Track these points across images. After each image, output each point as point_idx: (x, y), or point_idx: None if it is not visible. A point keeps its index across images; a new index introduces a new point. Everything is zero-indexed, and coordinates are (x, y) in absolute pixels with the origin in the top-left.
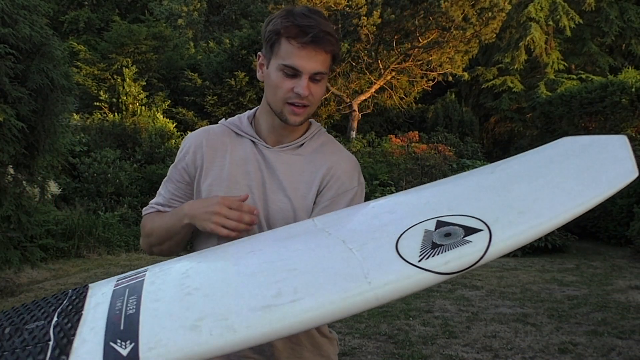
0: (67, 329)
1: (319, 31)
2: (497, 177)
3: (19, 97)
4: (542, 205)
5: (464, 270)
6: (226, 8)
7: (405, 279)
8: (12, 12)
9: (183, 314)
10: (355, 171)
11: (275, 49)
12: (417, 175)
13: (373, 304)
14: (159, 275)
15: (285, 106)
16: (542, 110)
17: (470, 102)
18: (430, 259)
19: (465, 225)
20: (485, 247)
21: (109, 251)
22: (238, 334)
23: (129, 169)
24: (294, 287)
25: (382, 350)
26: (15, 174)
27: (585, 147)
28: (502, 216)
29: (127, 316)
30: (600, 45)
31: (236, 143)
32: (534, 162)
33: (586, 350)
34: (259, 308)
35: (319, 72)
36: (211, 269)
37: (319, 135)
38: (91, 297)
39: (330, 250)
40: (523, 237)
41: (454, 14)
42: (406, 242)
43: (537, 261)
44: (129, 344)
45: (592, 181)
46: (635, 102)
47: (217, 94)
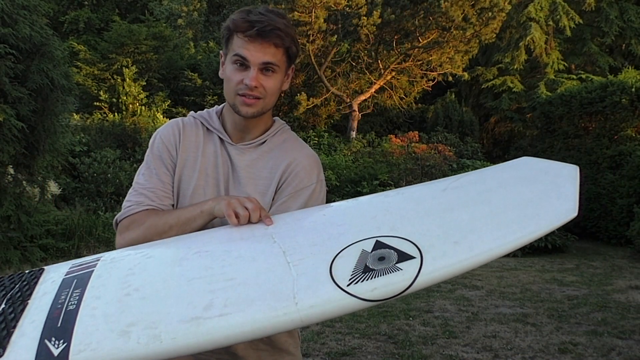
0: (10, 320)
1: (267, 25)
2: (447, 197)
3: (19, 97)
4: (478, 238)
5: (390, 298)
6: (226, 8)
7: (330, 303)
8: (12, 12)
9: (117, 317)
10: (314, 167)
11: (229, 44)
12: (417, 175)
13: (298, 324)
14: (108, 268)
15: (237, 97)
16: (542, 110)
17: (470, 102)
18: (359, 284)
19: (400, 250)
20: (414, 276)
21: (108, 251)
22: (163, 345)
23: (129, 169)
24: (225, 299)
25: (382, 350)
26: (15, 174)
27: (538, 173)
28: (437, 244)
29: (67, 312)
30: (600, 45)
31: (207, 137)
32: (486, 183)
33: (586, 350)
34: (188, 320)
35: (267, 62)
36: (156, 267)
37: (281, 133)
38: (42, 284)
39: (270, 261)
40: (452, 270)
41: (454, 14)
42: (341, 262)
43: (537, 261)
44: (62, 343)
45: (531, 216)
46: (635, 102)
47: (217, 94)
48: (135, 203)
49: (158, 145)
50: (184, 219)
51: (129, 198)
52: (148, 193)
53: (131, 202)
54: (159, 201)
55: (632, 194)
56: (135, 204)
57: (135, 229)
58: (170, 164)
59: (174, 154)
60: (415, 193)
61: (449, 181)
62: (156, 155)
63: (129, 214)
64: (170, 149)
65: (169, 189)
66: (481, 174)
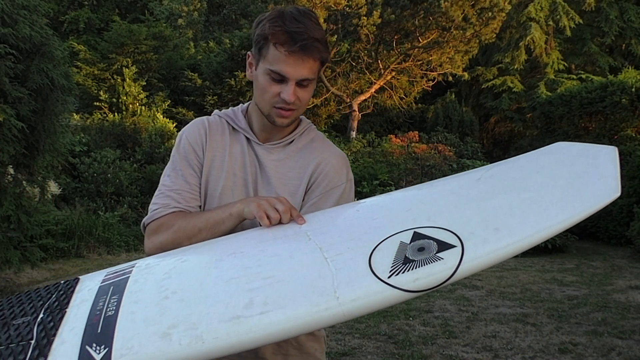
0: (49, 328)
1: (308, 38)
2: (482, 186)
3: (19, 97)
4: (519, 222)
5: (432, 288)
6: (226, 8)
7: (373, 296)
8: (12, 12)
9: (157, 320)
10: (343, 167)
11: (263, 53)
12: (417, 175)
13: (340, 319)
14: (144, 273)
15: (273, 109)
16: (542, 110)
17: (470, 102)
18: (400, 275)
19: (440, 240)
20: (456, 264)
21: (109, 251)
22: (205, 345)
23: (129, 169)
24: (265, 297)
25: (382, 350)
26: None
27: (574, 156)
28: (477, 231)
29: (106, 318)
30: (600, 45)
31: (233, 137)
32: (521, 170)
33: (586, 350)
34: (229, 319)
35: (306, 78)
36: (192, 270)
37: (308, 132)
38: (78, 292)
39: (306, 258)
40: (495, 256)
41: (454, 14)
42: (380, 255)
43: (537, 261)
44: (103, 348)
45: (573, 198)
46: (635, 102)
47: (217, 94)
48: (162, 206)
49: (184, 146)
50: (213, 222)
51: (155, 200)
52: (174, 195)
53: (158, 205)
54: (185, 203)
55: (632, 194)
56: (162, 207)
57: (164, 232)
58: (197, 165)
59: (200, 154)
60: (449, 184)
61: (482, 171)
62: (182, 155)
63: (156, 217)
64: (196, 149)
65: (195, 190)
66: (515, 161)
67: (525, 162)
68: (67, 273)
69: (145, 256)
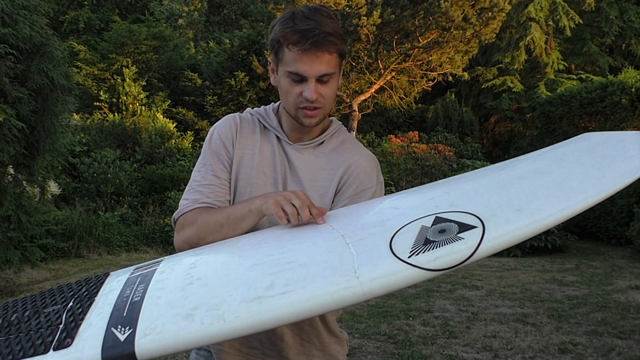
0: (78, 314)
1: (319, 33)
2: (506, 175)
3: (19, 97)
4: (541, 202)
5: (453, 267)
6: (226, 8)
7: (392, 275)
8: (12, 12)
9: (181, 303)
10: (374, 169)
11: (280, 56)
12: (417, 175)
13: (361, 298)
14: (170, 265)
15: (299, 111)
16: (542, 110)
17: (470, 102)
18: (421, 255)
19: (461, 222)
20: (477, 243)
21: (109, 251)
22: (227, 324)
23: (129, 169)
24: (286, 279)
25: (382, 350)
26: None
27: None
28: (499, 213)
29: (132, 303)
30: (600, 45)
31: (264, 135)
32: (545, 159)
33: (586, 350)
34: (250, 299)
35: (325, 74)
36: (217, 260)
37: (339, 134)
38: (107, 283)
39: (328, 244)
40: (517, 234)
41: (454, 14)
42: (401, 238)
43: (537, 261)
44: (128, 329)
45: (596, 178)
46: (635, 102)
47: (217, 94)
48: (191, 201)
49: (215, 141)
50: (234, 218)
51: (186, 196)
52: (204, 190)
53: (187, 200)
54: (215, 197)
55: (632, 194)
56: (192, 202)
57: (189, 227)
58: (227, 160)
59: (230, 149)
60: (474, 175)
61: (507, 162)
62: (213, 150)
63: (184, 212)
64: (227, 144)
65: (225, 185)
66: (539, 153)
67: (550, 152)
68: (67, 273)
69: (176, 252)
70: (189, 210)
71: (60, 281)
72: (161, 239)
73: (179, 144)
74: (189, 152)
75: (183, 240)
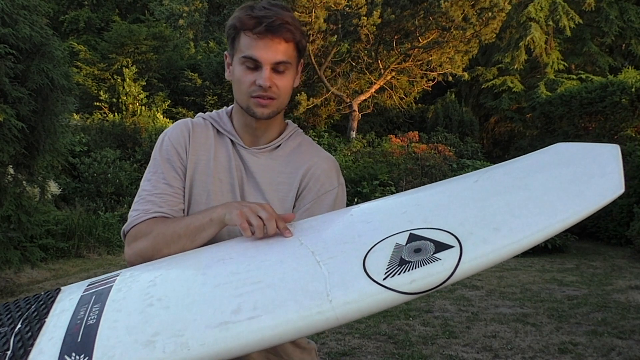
0: (27, 338)
1: (276, 20)
2: (480, 187)
3: (19, 97)
4: (520, 221)
5: (430, 290)
6: (226, 8)
7: (367, 298)
8: (12, 12)
9: (141, 328)
10: (333, 171)
11: (235, 44)
12: (417, 175)
13: (333, 323)
14: (128, 282)
15: (250, 99)
16: (542, 110)
17: (470, 102)
18: (396, 277)
19: (437, 241)
20: (454, 265)
21: (109, 251)
22: (192, 352)
23: (129, 169)
24: (254, 302)
25: (382, 350)
26: (15, 174)
27: (576, 155)
28: (476, 231)
29: (87, 327)
30: (600, 45)
31: (218, 140)
32: (520, 170)
33: (586, 350)
34: (216, 325)
35: (280, 61)
36: (178, 277)
37: (295, 136)
38: (59, 302)
39: (298, 262)
40: (495, 256)
41: (454, 14)
42: (375, 257)
43: (537, 261)
44: (83, 357)
45: (575, 196)
46: (635, 102)
47: (217, 94)
48: (142, 211)
49: (166, 147)
50: (193, 228)
51: (136, 207)
52: (156, 199)
53: (138, 211)
54: (168, 207)
55: (632, 194)
56: (143, 212)
57: (143, 239)
58: (180, 167)
59: (183, 156)
60: (445, 187)
61: (479, 173)
62: (164, 158)
63: (135, 224)
64: (179, 150)
65: (179, 193)
66: (512, 163)
67: (523, 163)
68: (67, 273)
69: (128, 266)
70: (142, 221)
71: (61, 281)
72: None
73: None
74: None
75: (136, 253)
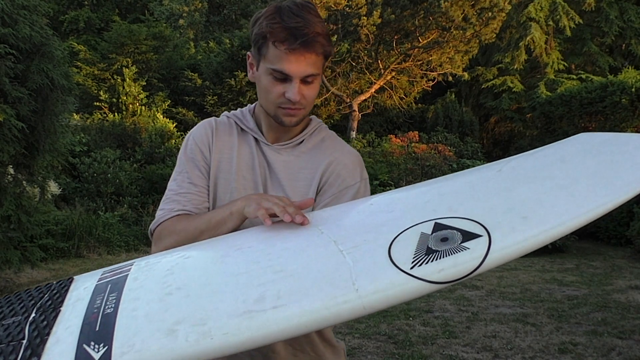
0: (42, 327)
1: (309, 33)
2: (505, 176)
3: (19, 97)
4: (548, 210)
5: (459, 279)
6: (226, 8)
7: (395, 288)
8: (12, 12)
9: (161, 316)
10: (357, 166)
11: (263, 52)
12: (417, 175)
13: (360, 312)
14: (144, 271)
15: (279, 110)
16: (542, 110)
17: (470, 102)
18: (424, 266)
19: (464, 230)
20: (484, 254)
21: (109, 251)
22: (215, 341)
23: (129, 169)
24: (277, 291)
25: (382, 350)
26: (15, 174)
27: (602, 145)
28: (504, 221)
29: (104, 316)
30: (600, 45)
31: (242, 138)
32: (545, 160)
33: (586, 350)
34: (239, 314)
35: (310, 74)
36: (196, 266)
37: (319, 131)
38: (73, 291)
39: (320, 251)
40: (525, 246)
41: (454, 14)
42: (400, 246)
43: (537, 261)
44: (102, 347)
45: (604, 186)
46: (635, 102)
47: (217, 94)
48: (167, 210)
49: (191, 147)
50: (215, 222)
51: (162, 207)
52: (180, 198)
53: (163, 210)
54: (192, 206)
55: None
56: (167, 211)
57: (168, 236)
58: (204, 166)
59: (207, 154)
60: (468, 176)
61: (502, 163)
62: (189, 157)
63: (160, 222)
64: (203, 150)
65: (203, 192)
66: (536, 152)
67: (547, 153)
68: (67, 273)
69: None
70: (166, 219)
71: None
72: None
73: (179, 144)
74: None
75: (161, 250)
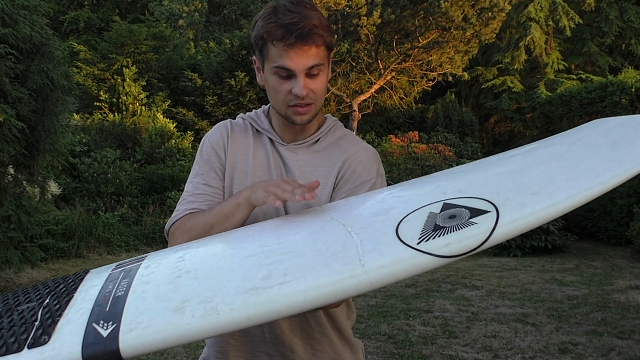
0: (55, 310)
1: (304, 26)
2: (516, 160)
3: (19, 97)
4: (558, 185)
5: (466, 253)
6: (226, 8)
7: (401, 262)
8: (12, 12)
9: (169, 296)
10: (373, 162)
11: (264, 53)
12: (417, 175)
13: (367, 287)
14: (156, 260)
15: (289, 109)
16: (542, 110)
17: (470, 102)
18: (430, 241)
19: (472, 207)
20: (491, 228)
21: (109, 251)
22: (221, 317)
23: (129, 169)
24: (284, 269)
25: (382, 350)
26: (15, 174)
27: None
28: (513, 197)
29: (115, 298)
30: (600, 45)
31: (257, 139)
32: (558, 145)
33: (586, 350)
34: (246, 290)
35: (313, 65)
36: (207, 252)
37: (334, 130)
38: (87, 280)
39: (328, 233)
40: (534, 218)
41: (454, 14)
42: (408, 225)
43: (537, 261)
44: (111, 325)
45: (614, 160)
46: (635, 102)
47: (217, 94)
48: (181, 210)
49: (206, 149)
50: (223, 215)
51: (177, 207)
52: (195, 199)
53: (178, 211)
54: (206, 205)
55: (632, 194)
56: (182, 211)
57: (180, 235)
58: (220, 168)
59: (222, 156)
60: (481, 164)
61: (515, 150)
62: (205, 159)
63: (174, 221)
64: (218, 151)
65: (218, 193)
66: (548, 140)
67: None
68: (67, 273)
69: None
70: (179, 218)
71: None
72: (161, 239)
73: (179, 144)
74: (189, 152)
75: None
